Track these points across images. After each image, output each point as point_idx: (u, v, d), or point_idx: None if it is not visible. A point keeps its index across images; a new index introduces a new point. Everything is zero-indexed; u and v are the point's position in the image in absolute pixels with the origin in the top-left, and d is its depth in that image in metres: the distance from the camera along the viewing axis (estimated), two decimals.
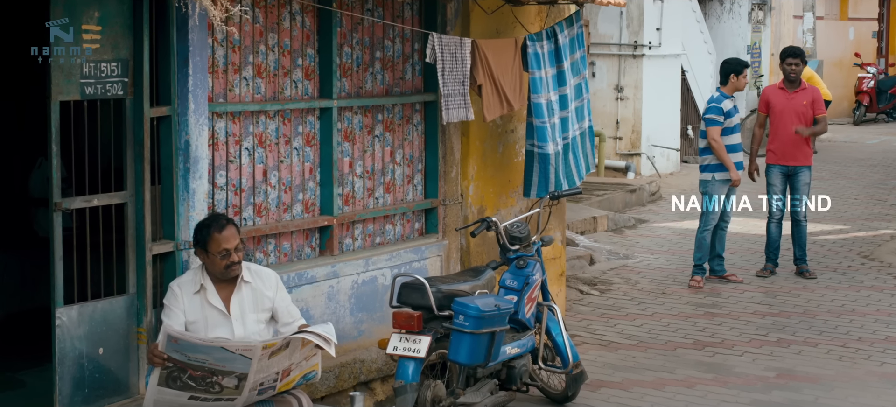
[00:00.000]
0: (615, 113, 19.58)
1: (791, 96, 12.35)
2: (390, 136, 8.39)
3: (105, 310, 6.58)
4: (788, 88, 12.41)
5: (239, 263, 6.44)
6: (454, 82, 7.90)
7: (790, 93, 12.37)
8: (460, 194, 8.80)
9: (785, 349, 9.81)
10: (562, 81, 8.86)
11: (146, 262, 6.69)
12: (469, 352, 7.01)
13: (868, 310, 11.17)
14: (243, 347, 5.92)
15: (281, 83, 7.56)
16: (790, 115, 12.24)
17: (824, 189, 18.98)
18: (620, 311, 11.12)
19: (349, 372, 7.79)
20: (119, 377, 6.65)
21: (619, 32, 19.48)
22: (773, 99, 12.40)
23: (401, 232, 8.57)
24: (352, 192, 8.08)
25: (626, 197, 17.07)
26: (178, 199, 6.79)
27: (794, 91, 12.38)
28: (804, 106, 12.29)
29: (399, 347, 6.98)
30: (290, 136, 7.62)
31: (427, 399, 7.09)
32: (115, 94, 6.50)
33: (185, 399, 6.07)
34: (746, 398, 8.53)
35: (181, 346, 5.90)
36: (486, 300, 7.10)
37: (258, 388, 6.13)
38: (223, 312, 6.42)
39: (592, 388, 8.69)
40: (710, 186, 11.99)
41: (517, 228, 7.95)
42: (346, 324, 7.91)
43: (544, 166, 8.60)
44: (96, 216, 6.61)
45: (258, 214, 7.46)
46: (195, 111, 6.78)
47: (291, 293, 7.42)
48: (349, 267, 7.90)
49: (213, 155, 7.11)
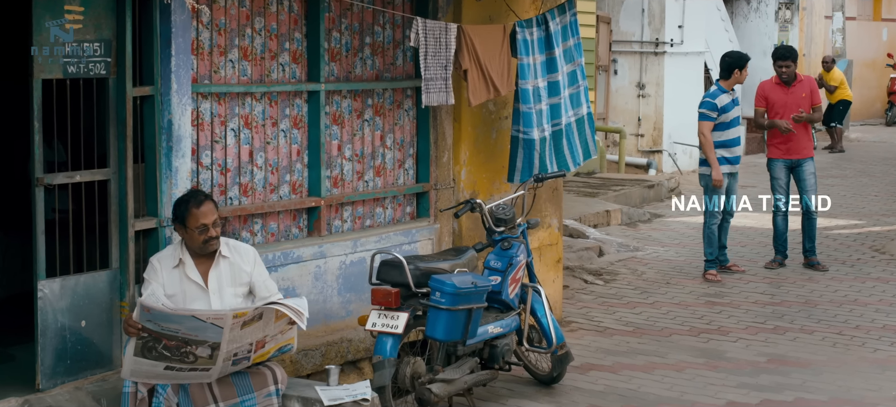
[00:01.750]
0: (637, 110, 19.66)
1: (789, 91, 12.38)
2: (380, 120, 8.53)
3: (88, 284, 6.76)
4: (786, 83, 12.43)
5: (217, 238, 6.60)
6: (436, 66, 8.03)
7: (787, 88, 12.40)
8: (452, 179, 8.92)
9: (780, 336, 9.87)
10: (552, 68, 8.96)
11: (129, 237, 6.85)
12: (446, 328, 7.13)
13: (870, 300, 11.19)
14: (214, 316, 6.06)
15: (268, 66, 7.72)
16: (790, 109, 12.26)
17: (846, 186, 19.03)
18: (622, 299, 11.20)
19: (336, 351, 7.92)
20: (101, 350, 6.82)
21: (641, 30, 19.56)
22: (770, 94, 12.43)
23: (392, 216, 8.71)
24: (341, 175, 8.23)
25: (643, 192, 17.13)
26: (161, 177, 6.96)
27: (792, 85, 12.40)
28: (803, 98, 12.32)
29: (377, 324, 7.11)
30: (277, 118, 7.78)
31: (406, 375, 7.22)
32: (97, 73, 6.68)
33: (160, 369, 6.22)
34: (734, 381, 8.59)
35: (154, 316, 6.05)
36: (462, 277, 7.21)
37: (232, 358, 6.27)
38: (201, 286, 6.57)
39: (582, 371, 8.78)
40: (709, 180, 12.02)
41: (502, 209, 8.05)
42: (334, 304, 8.05)
43: (528, 152, 8.71)
44: (80, 193, 6.77)
45: (244, 194, 7.62)
46: (178, 91, 6.94)
47: (277, 272, 7.58)
48: (337, 248, 8.05)
49: (198, 135, 7.28)
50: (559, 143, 9.08)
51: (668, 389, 8.41)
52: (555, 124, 9.04)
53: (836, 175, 20.67)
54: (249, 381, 6.43)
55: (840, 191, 18.66)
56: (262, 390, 6.44)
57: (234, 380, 6.40)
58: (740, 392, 8.33)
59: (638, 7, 19.62)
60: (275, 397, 6.45)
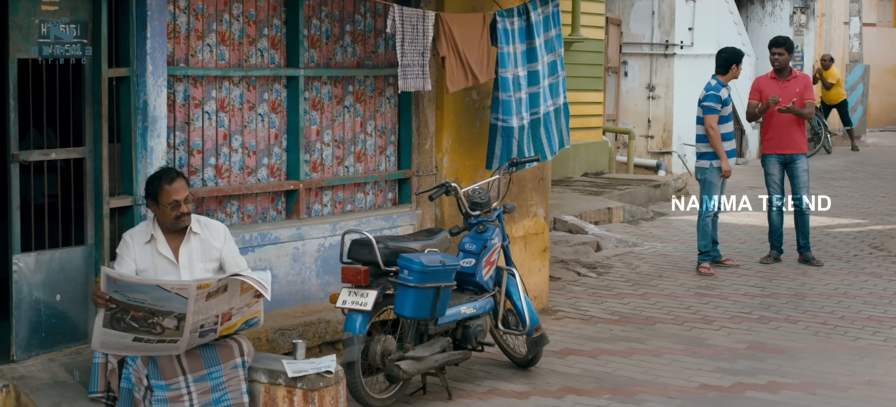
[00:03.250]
0: (647, 112, 19.76)
1: (783, 85, 12.46)
2: (361, 107, 8.69)
3: (63, 259, 6.94)
4: (780, 77, 12.52)
5: (188, 214, 6.76)
6: (413, 53, 8.18)
7: (782, 81, 12.49)
8: (435, 166, 9.07)
9: (763, 325, 9.95)
10: (532, 58, 9.11)
11: (104, 214, 7.04)
12: (413, 306, 7.27)
13: (860, 293, 11.25)
14: (178, 287, 6.22)
15: (246, 51, 7.90)
16: (783, 102, 12.33)
17: (855, 187, 19.07)
18: (612, 291, 11.31)
19: (314, 331, 8.07)
20: (76, 323, 7.00)
21: (651, 32, 19.67)
22: (765, 88, 12.52)
23: (373, 201, 8.87)
24: (320, 160, 8.39)
25: (649, 192, 17.22)
26: (136, 157, 7.14)
27: (787, 80, 12.50)
28: (796, 94, 12.40)
29: (347, 301, 7.26)
30: (254, 102, 7.95)
31: (377, 352, 7.36)
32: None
33: (129, 341, 6.39)
34: (710, 366, 8.69)
35: (120, 286, 6.22)
36: (431, 257, 7.36)
37: (199, 330, 6.43)
38: (172, 261, 6.74)
39: (561, 355, 8.90)
40: (708, 174, 12.14)
41: (478, 194, 8.19)
42: (312, 285, 8.21)
43: (507, 139, 8.86)
44: (56, 171, 6.96)
45: (220, 176, 7.79)
46: (153, 73, 7.12)
47: (254, 252, 7.75)
48: (315, 230, 8.20)
49: (175, 117, 7.46)
50: (537, 132, 9.22)
51: (644, 372, 8.51)
52: (533, 113, 9.18)
53: (847, 177, 20.71)
54: (217, 353, 6.59)
55: (848, 191, 18.70)
56: (228, 362, 6.59)
57: (201, 352, 6.56)
58: (714, 376, 8.43)
59: (648, 9, 19.73)
60: (241, 369, 6.61)
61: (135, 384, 6.59)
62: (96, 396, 6.60)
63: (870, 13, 29.74)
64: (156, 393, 6.54)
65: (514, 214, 9.77)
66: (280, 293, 8.00)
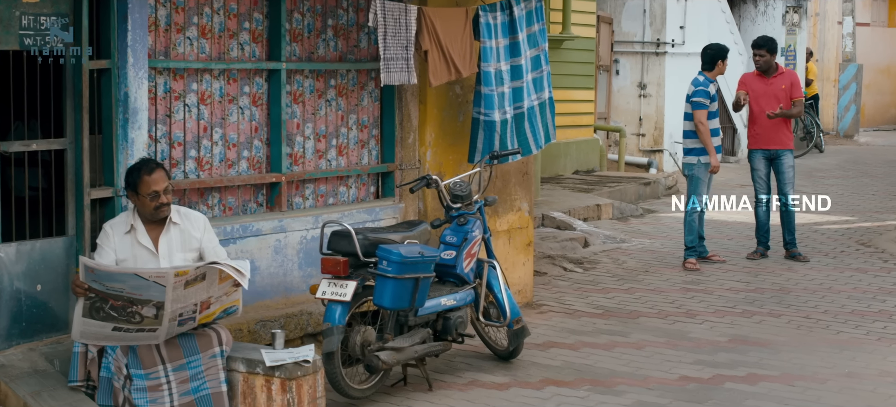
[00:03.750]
0: (638, 110, 19.82)
1: (769, 81, 12.52)
2: (343, 100, 8.75)
3: (44, 249, 7.00)
4: (766, 74, 12.57)
5: (168, 204, 6.82)
6: (397, 47, 8.23)
7: (768, 79, 12.54)
8: (418, 160, 9.12)
9: (746, 319, 10.00)
10: (516, 52, 9.16)
11: (85, 205, 7.08)
12: (392, 296, 7.32)
13: (845, 288, 11.30)
14: (156, 275, 6.27)
15: (227, 44, 7.95)
16: (769, 100, 12.40)
17: (845, 185, 19.13)
18: (597, 285, 11.37)
19: (296, 323, 8.12)
20: (57, 313, 7.05)
21: (643, 30, 19.73)
22: (751, 84, 12.58)
23: (356, 195, 8.92)
24: (302, 153, 8.44)
25: (639, 189, 17.27)
26: (117, 148, 7.19)
27: (773, 76, 12.55)
28: (783, 90, 12.46)
29: (327, 292, 7.31)
30: (235, 95, 8.00)
31: (357, 343, 7.42)
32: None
33: (108, 330, 6.44)
34: (690, 358, 8.74)
35: (98, 275, 6.27)
36: (410, 248, 7.41)
37: (178, 318, 6.48)
38: (152, 251, 6.80)
39: (543, 348, 8.95)
40: (695, 169, 12.20)
41: (459, 186, 8.25)
42: (295, 277, 8.26)
43: (489, 133, 8.91)
44: (37, 162, 7.01)
45: (201, 168, 7.84)
46: (134, 65, 7.17)
47: (236, 244, 7.81)
48: (297, 223, 8.26)
49: (155, 109, 7.51)
50: (521, 126, 9.27)
51: (625, 364, 8.56)
52: (517, 107, 9.23)
53: (838, 175, 20.79)
54: (195, 343, 6.64)
55: (838, 190, 18.76)
56: (207, 352, 6.65)
57: (180, 342, 6.62)
58: (695, 368, 8.48)
59: (639, 8, 19.80)
60: (219, 358, 6.67)
61: (114, 373, 6.64)
62: (76, 385, 6.66)
63: (864, 13, 29.80)
64: (135, 382, 6.59)
65: (498, 208, 9.83)
66: (262, 285, 8.05)
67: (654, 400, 7.72)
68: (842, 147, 25.59)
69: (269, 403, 6.64)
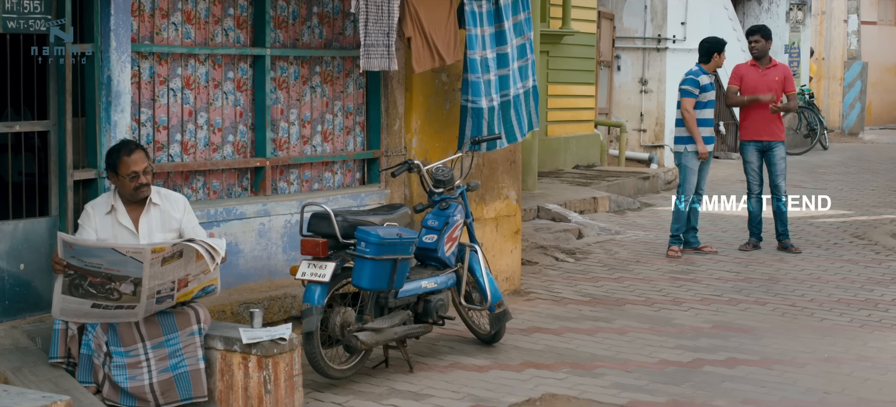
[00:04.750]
0: (639, 106, 19.91)
1: (763, 73, 12.60)
2: (328, 87, 8.85)
3: (27, 229, 7.11)
4: (760, 65, 12.66)
5: (148, 185, 6.93)
6: (378, 33, 8.33)
7: (762, 69, 12.62)
8: (404, 147, 9.23)
9: (732, 307, 10.08)
10: (502, 41, 9.26)
11: (68, 186, 7.20)
12: (370, 277, 7.42)
13: (834, 278, 11.37)
14: (133, 250, 6.39)
15: (212, 30, 8.06)
16: (762, 91, 12.48)
17: (846, 181, 19.18)
18: (588, 275, 11.45)
19: (279, 305, 8.23)
20: (40, 292, 7.16)
21: (644, 26, 19.82)
22: (745, 75, 12.66)
23: (342, 181, 9.02)
24: (286, 138, 8.55)
25: (638, 184, 17.35)
26: (100, 131, 7.30)
27: (766, 67, 12.64)
28: (776, 82, 12.54)
29: (307, 273, 7.41)
30: (220, 80, 8.11)
31: (336, 324, 7.52)
32: (37, 29, 7.03)
33: (87, 307, 6.56)
34: (672, 343, 8.82)
35: (76, 250, 6.39)
36: (388, 229, 7.51)
37: (156, 296, 6.59)
38: (132, 231, 6.91)
39: (526, 333, 9.05)
40: (684, 158, 12.29)
41: (441, 171, 8.34)
42: (278, 261, 8.37)
43: (477, 120, 9.00)
44: (20, 143, 7.13)
45: (186, 152, 7.95)
46: (117, 49, 7.29)
47: (219, 227, 7.91)
48: (282, 207, 8.36)
49: (139, 93, 7.62)
50: (507, 114, 9.37)
51: (606, 349, 8.65)
52: (503, 95, 9.33)
53: (840, 171, 20.85)
54: (174, 320, 6.76)
55: (838, 185, 18.83)
56: (185, 329, 6.76)
57: (159, 319, 6.73)
58: (675, 352, 8.56)
59: (641, 4, 19.89)
60: (197, 336, 6.78)
61: (94, 350, 6.76)
62: (56, 362, 6.78)
63: (871, 11, 29.82)
64: (115, 359, 6.71)
65: (485, 196, 9.92)
66: (246, 268, 8.16)
67: (631, 382, 7.80)
68: (846, 144, 25.63)
69: (246, 380, 6.75)
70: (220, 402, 6.83)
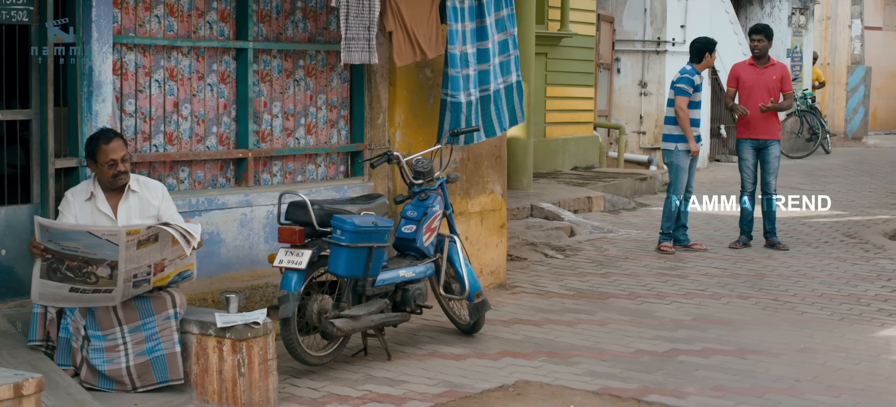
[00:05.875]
0: (639, 108, 20.02)
1: (761, 72, 12.72)
2: (312, 81, 8.99)
3: (8, 216, 7.26)
4: (758, 64, 12.78)
5: (126, 172, 7.08)
6: (359, 27, 8.46)
7: (760, 68, 12.75)
8: (387, 140, 9.36)
9: (714, 301, 10.18)
10: (483, 36, 9.39)
11: (49, 174, 7.35)
12: (346, 264, 7.55)
13: (820, 274, 11.46)
14: (108, 233, 6.54)
15: (195, 23, 8.20)
16: (759, 90, 12.61)
17: (845, 184, 19.25)
18: (575, 270, 11.56)
19: (260, 294, 8.36)
20: (21, 278, 7.30)
21: (643, 29, 19.94)
22: (742, 74, 12.79)
23: (325, 173, 9.15)
24: (269, 130, 8.69)
25: (635, 185, 17.45)
26: (82, 120, 7.45)
27: (764, 67, 12.75)
28: (773, 81, 12.66)
29: (284, 260, 7.54)
30: (203, 72, 8.26)
31: (314, 311, 7.65)
32: (19, 20, 7.19)
33: (66, 291, 6.71)
34: (650, 334, 8.92)
35: (53, 234, 6.54)
36: (364, 218, 7.64)
37: (132, 280, 6.73)
38: (111, 218, 7.06)
39: (507, 324, 9.16)
40: (675, 156, 12.41)
41: (420, 163, 8.48)
42: (260, 251, 8.50)
43: (455, 114, 9.14)
44: (2, 131, 7.28)
45: (170, 143, 8.09)
46: (99, 40, 7.43)
47: (201, 216, 8.05)
48: (263, 198, 8.50)
49: (122, 84, 7.77)
50: (487, 108, 9.50)
51: (585, 339, 8.76)
52: (483, 90, 9.46)
53: (840, 174, 20.93)
54: (151, 305, 6.91)
55: (836, 187, 18.90)
56: (161, 313, 6.91)
57: (136, 304, 6.89)
58: (652, 343, 8.66)
59: (640, 7, 20.01)
60: (173, 320, 6.92)
61: (73, 334, 6.90)
62: (35, 345, 6.92)
63: (876, 17, 29.86)
64: (93, 343, 6.86)
65: (470, 190, 10.05)
66: (227, 257, 8.30)
67: (605, 370, 7.91)
68: (849, 149, 25.68)
69: (221, 364, 6.89)
70: (195, 385, 6.97)
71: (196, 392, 6.96)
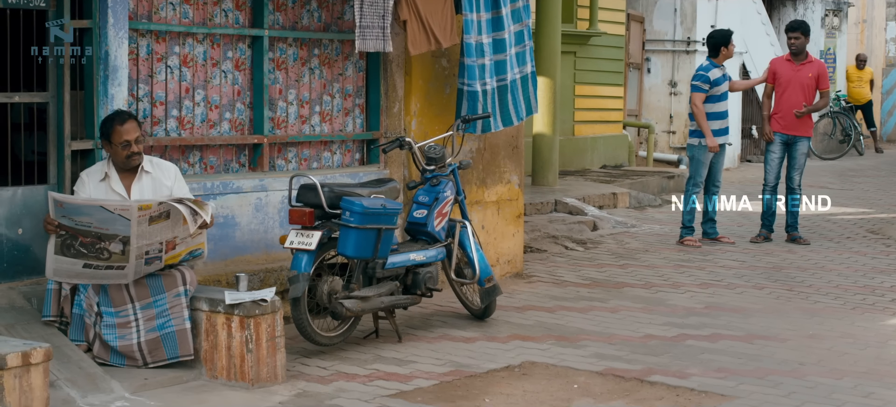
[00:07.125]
0: (669, 108, 20.08)
1: (798, 68, 12.77)
2: (327, 69, 9.14)
3: (26, 195, 7.46)
4: (795, 61, 12.83)
5: (139, 153, 7.27)
6: (373, 15, 8.61)
7: (797, 65, 12.80)
8: (403, 129, 9.49)
9: (729, 291, 10.24)
10: (498, 26, 9.51)
11: (65, 156, 7.54)
12: (355, 245, 7.69)
13: (838, 267, 11.49)
14: (121, 208, 6.72)
15: (210, 11, 8.37)
16: (795, 87, 12.66)
17: (874, 183, 19.20)
18: (593, 261, 11.65)
19: (275, 278, 8.51)
20: (37, 256, 7.49)
21: (673, 29, 19.99)
22: (779, 70, 12.86)
23: (341, 161, 9.30)
24: (285, 117, 8.84)
25: (663, 183, 17.48)
26: (98, 103, 7.63)
27: (801, 63, 12.80)
28: (809, 79, 12.71)
29: (294, 241, 7.69)
30: (218, 59, 8.43)
31: (324, 292, 7.80)
32: (36, 5, 7.39)
33: (79, 267, 6.89)
34: (661, 320, 9.01)
35: (67, 209, 6.73)
36: (373, 200, 7.78)
37: (144, 257, 6.91)
38: (124, 198, 7.24)
39: (520, 310, 9.27)
40: (695, 151, 12.48)
41: (433, 149, 8.61)
42: (275, 235, 8.65)
43: (472, 103, 9.27)
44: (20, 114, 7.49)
45: (183, 127, 8.27)
46: (115, 25, 7.61)
47: (216, 200, 8.22)
48: (278, 183, 8.65)
49: (137, 69, 7.95)
50: (504, 98, 9.62)
51: (595, 325, 8.85)
52: (500, 79, 9.58)
53: (871, 174, 20.88)
54: (161, 282, 7.08)
55: (864, 187, 18.87)
56: (172, 290, 7.08)
57: (147, 281, 7.07)
58: (662, 328, 8.75)
59: (670, 7, 20.06)
60: (183, 297, 7.09)
61: (86, 310, 7.09)
62: (49, 320, 7.10)
63: None
64: (105, 319, 7.04)
65: (487, 180, 10.16)
66: (242, 240, 8.46)
67: (612, 353, 8.01)
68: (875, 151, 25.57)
69: (229, 340, 7.04)
70: (204, 361, 7.13)
71: (205, 368, 7.12)
